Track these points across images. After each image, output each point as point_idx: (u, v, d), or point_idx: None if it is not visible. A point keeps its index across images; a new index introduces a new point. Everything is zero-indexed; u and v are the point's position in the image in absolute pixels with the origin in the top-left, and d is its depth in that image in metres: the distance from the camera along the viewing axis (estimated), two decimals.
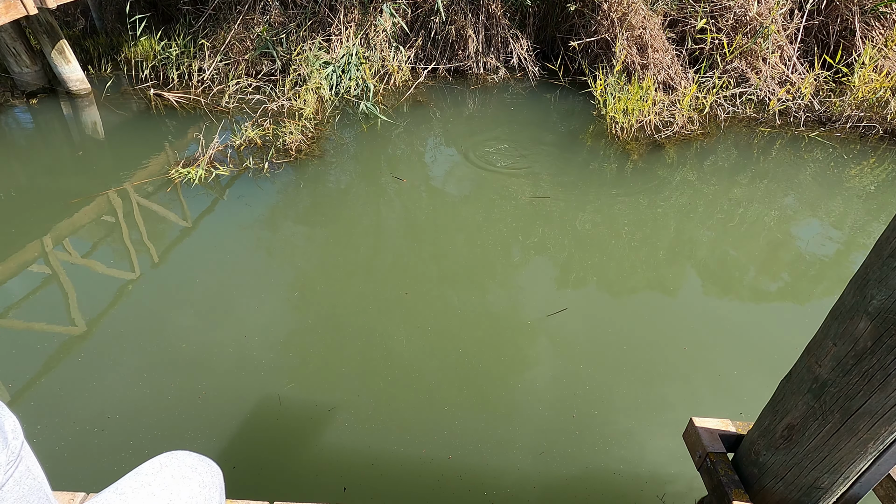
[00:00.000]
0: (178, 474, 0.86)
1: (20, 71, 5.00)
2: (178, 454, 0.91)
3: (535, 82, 5.61)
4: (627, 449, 2.14)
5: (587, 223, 3.51)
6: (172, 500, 0.83)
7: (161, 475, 0.85)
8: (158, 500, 0.81)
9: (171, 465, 0.88)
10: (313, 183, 3.91)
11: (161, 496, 0.82)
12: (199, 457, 0.94)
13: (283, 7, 5.49)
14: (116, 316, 2.73)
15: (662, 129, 4.54)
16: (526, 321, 2.74)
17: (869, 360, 1.08)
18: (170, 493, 0.83)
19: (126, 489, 0.82)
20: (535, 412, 2.28)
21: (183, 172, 3.86)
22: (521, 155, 4.31)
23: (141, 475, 0.85)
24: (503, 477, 2.04)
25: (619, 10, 5.16)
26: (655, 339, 2.63)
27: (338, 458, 2.09)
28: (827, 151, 4.40)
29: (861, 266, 1.13)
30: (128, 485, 0.83)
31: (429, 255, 3.19)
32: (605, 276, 3.07)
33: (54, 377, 2.39)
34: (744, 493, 1.44)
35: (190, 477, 0.87)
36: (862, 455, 1.20)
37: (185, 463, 0.90)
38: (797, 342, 1.42)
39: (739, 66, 5.07)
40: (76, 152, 4.34)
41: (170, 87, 5.26)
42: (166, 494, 0.83)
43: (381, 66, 5.43)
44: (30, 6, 4.22)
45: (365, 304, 2.82)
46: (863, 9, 5.13)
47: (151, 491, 0.82)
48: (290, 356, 2.51)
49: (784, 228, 3.51)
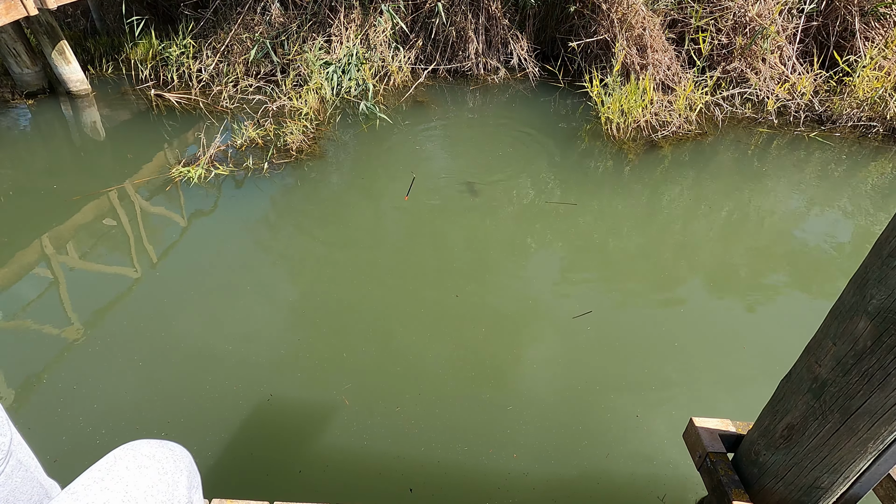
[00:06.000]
0: (133, 465, 0.83)
1: (20, 71, 5.00)
2: (136, 444, 0.88)
3: (535, 83, 5.61)
4: (628, 449, 2.14)
5: (586, 223, 3.51)
6: (129, 491, 0.79)
7: (115, 468, 0.82)
8: (113, 494, 0.78)
9: (125, 456, 0.84)
10: (314, 183, 3.91)
11: (115, 489, 0.79)
12: (158, 443, 0.90)
13: (284, 8, 5.49)
14: (116, 315, 2.73)
15: (659, 129, 4.54)
16: (526, 321, 2.74)
17: (869, 360, 1.09)
18: (125, 486, 0.80)
19: (79, 488, 0.79)
20: (535, 412, 2.28)
21: (183, 172, 3.86)
22: (520, 155, 4.31)
23: (94, 472, 0.82)
24: (504, 477, 2.04)
25: (619, 10, 5.16)
26: (655, 339, 2.63)
27: (338, 458, 2.09)
28: (826, 151, 4.40)
29: (861, 266, 1.13)
30: (81, 483, 0.80)
31: (429, 254, 3.19)
32: (603, 276, 3.07)
33: (53, 377, 2.39)
34: (744, 493, 1.44)
35: (147, 466, 0.84)
36: (862, 455, 1.20)
37: (141, 452, 0.86)
38: (797, 342, 1.42)
39: (739, 66, 5.08)
40: (76, 152, 4.34)
41: (170, 88, 5.26)
42: (121, 487, 0.79)
43: (381, 66, 5.43)
44: (30, 7, 4.22)
45: (366, 304, 2.82)
46: (862, 9, 5.14)
47: (105, 486, 0.79)
48: (291, 356, 2.51)
49: (784, 228, 3.51)
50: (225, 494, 1.72)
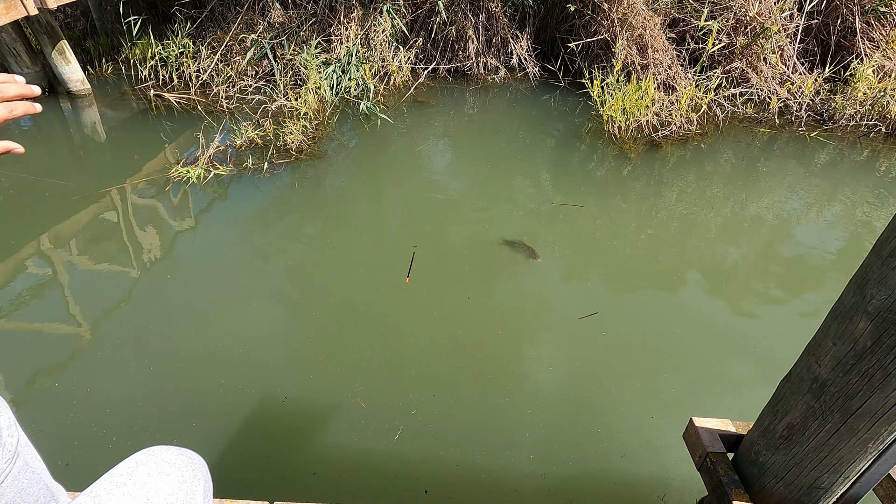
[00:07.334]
0: (154, 471, 0.83)
1: (20, 71, 5.00)
2: (156, 450, 0.88)
3: (535, 83, 5.61)
4: (628, 449, 2.14)
5: (589, 223, 3.51)
6: (150, 498, 0.79)
7: (137, 474, 0.82)
8: (135, 499, 0.78)
9: (147, 462, 0.84)
10: (314, 183, 3.91)
11: (137, 496, 0.78)
12: (178, 450, 0.90)
13: (284, 7, 5.49)
14: (116, 315, 2.72)
15: (660, 129, 4.54)
16: (525, 321, 2.74)
17: (869, 360, 1.08)
18: (147, 492, 0.80)
19: (100, 492, 0.78)
20: (535, 412, 2.28)
21: (183, 172, 3.86)
22: (521, 154, 4.31)
23: (116, 476, 0.81)
24: (504, 477, 2.04)
25: (620, 10, 5.16)
26: (655, 339, 2.63)
27: (339, 458, 2.09)
28: (827, 151, 4.39)
29: (861, 266, 1.12)
30: (102, 487, 0.79)
31: (430, 254, 3.19)
32: (603, 276, 3.07)
33: (53, 376, 2.39)
34: (744, 493, 1.44)
35: (168, 473, 0.84)
36: (862, 455, 1.20)
37: (162, 459, 0.86)
38: (797, 342, 1.42)
39: (740, 66, 5.07)
40: (76, 152, 4.34)
41: (170, 88, 5.26)
42: (143, 493, 0.79)
43: (382, 66, 5.43)
44: (30, 7, 4.22)
45: (367, 304, 2.82)
46: (863, 9, 5.13)
47: (127, 491, 0.79)
48: (290, 355, 2.51)
49: (785, 228, 3.51)
50: (240, 498, 1.71)
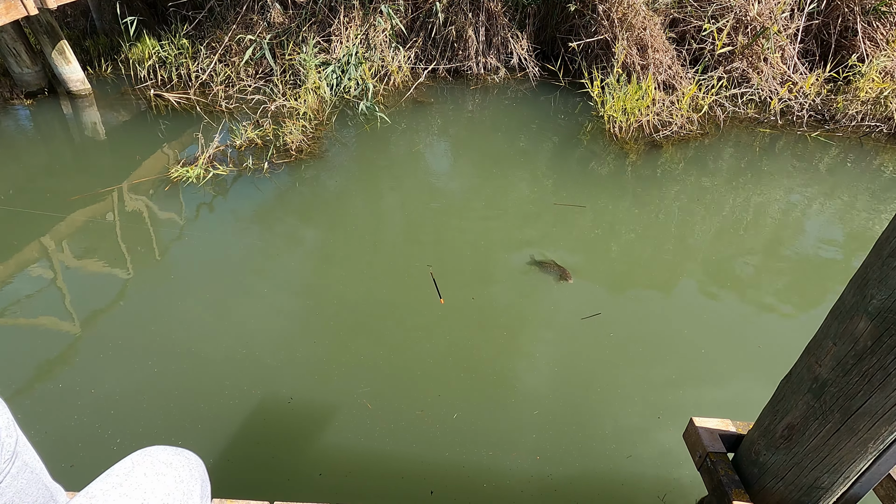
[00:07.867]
0: (151, 472, 0.83)
1: (20, 71, 5.00)
2: (152, 450, 0.88)
3: (535, 83, 5.61)
4: (628, 449, 2.14)
5: (590, 224, 3.51)
6: (146, 498, 0.79)
7: (133, 474, 0.82)
8: (131, 500, 0.78)
9: (143, 462, 0.84)
10: (314, 183, 3.91)
11: (134, 496, 0.78)
12: (174, 450, 0.90)
13: (283, 7, 5.49)
14: (115, 315, 2.72)
15: (661, 129, 4.53)
16: (528, 322, 2.73)
17: (869, 360, 1.08)
18: (143, 492, 0.80)
19: (97, 492, 0.78)
20: (536, 412, 2.27)
21: (182, 172, 3.86)
22: (522, 154, 4.31)
23: (112, 476, 0.81)
24: (510, 478, 2.04)
25: (620, 10, 5.16)
26: (655, 339, 2.63)
27: (339, 458, 2.08)
28: (828, 151, 4.39)
29: (861, 266, 1.12)
30: (99, 488, 0.79)
31: (430, 254, 3.19)
32: (603, 276, 3.06)
33: (53, 376, 2.38)
34: (744, 493, 1.44)
35: (164, 473, 0.84)
36: (862, 455, 1.20)
37: (158, 459, 0.86)
38: (797, 342, 1.42)
39: (740, 66, 5.07)
40: (76, 152, 4.34)
41: (169, 88, 5.26)
42: (139, 494, 0.79)
43: (381, 66, 5.43)
44: (30, 7, 4.22)
45: (370, 304, 2.81)
46: (864, 8, 5.13)
47: (123, 492, 0.79)
48: (294, 356, 2.51)
49: (786, 228, 3.50)
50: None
